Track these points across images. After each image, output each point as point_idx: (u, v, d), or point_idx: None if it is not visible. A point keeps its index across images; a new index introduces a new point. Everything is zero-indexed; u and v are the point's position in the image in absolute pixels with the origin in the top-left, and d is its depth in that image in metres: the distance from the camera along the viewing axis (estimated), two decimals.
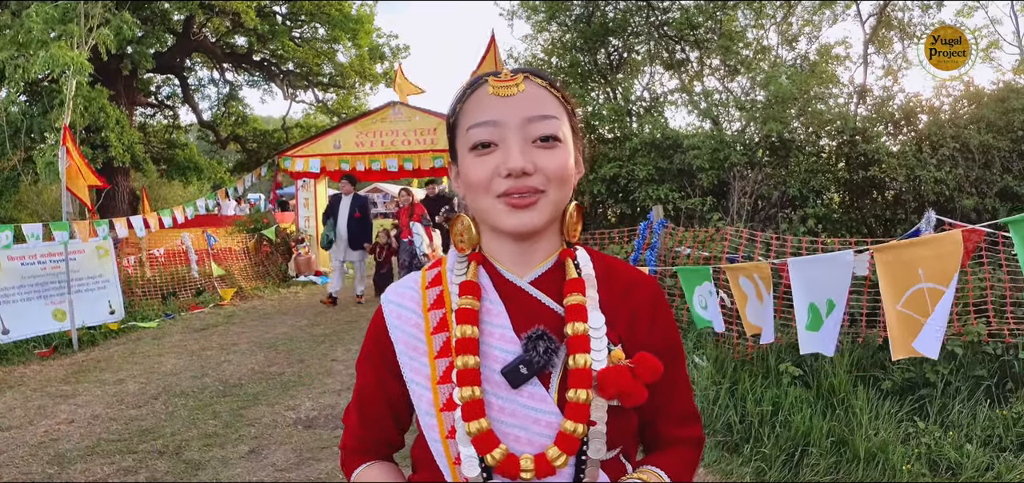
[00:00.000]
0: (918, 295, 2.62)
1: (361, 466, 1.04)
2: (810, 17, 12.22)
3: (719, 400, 3.98)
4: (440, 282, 1.01)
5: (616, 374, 0.88)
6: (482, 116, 0.91)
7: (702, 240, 6.26)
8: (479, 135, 0.91)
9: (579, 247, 1.02)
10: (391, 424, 1.04)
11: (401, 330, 0.99)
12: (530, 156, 0.89)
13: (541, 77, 0.96)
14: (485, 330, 0.94)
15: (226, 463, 3.78)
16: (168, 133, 19.69)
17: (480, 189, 0.92)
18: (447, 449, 0.91)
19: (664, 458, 1.01)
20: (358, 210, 9.27)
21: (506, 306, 0.95)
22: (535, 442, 0.89)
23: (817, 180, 7.81)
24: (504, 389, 0.91)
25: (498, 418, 0.90)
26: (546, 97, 0.94)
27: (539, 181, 0.90)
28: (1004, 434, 3.35)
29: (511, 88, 0.92)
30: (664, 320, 1.01)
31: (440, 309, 0.97)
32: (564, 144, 0.93)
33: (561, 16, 11.91)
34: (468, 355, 0.90)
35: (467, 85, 0.98)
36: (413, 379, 0.96)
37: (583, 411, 0.87)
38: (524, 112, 0.91)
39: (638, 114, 11.15)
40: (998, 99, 7.62)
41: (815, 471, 3.30)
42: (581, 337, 0.90)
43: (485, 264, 0.99)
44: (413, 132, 12.24)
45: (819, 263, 3.18)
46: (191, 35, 16.50)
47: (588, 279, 0.96)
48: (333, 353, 6.35)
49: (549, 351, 0.90)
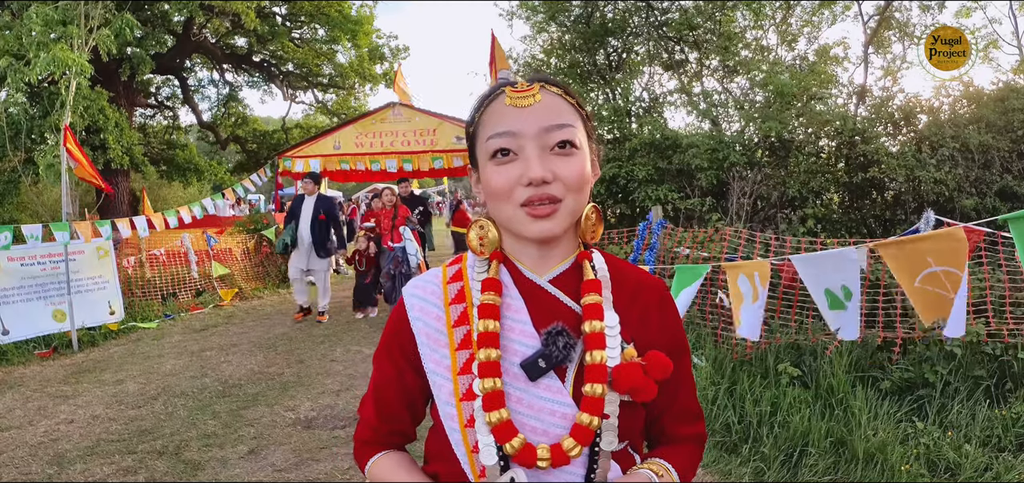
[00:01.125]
0: (933, 277, 2.66)
1: (375, 456, 1.08)
2: (810, 17, 12.23)
3: (718, 400, 3.98)
4: (461, 278, 1.05)
5: (630, 370, 0.93)
6: (501, 126, 0.95)
7: (701, 240, 6.26)
8: (498, 144, 0.95)
9: (595, 250, 1.07)
10: (407, 416, 1.08)
11: (423, 323, 1.03)
12: (548, 164, 0.93)
13: (556, 85, 1.00)
14: (505, 325, 0.98)
15: (225, 463, 3.78)
16: (168, 134, 19.68)
17: (502, 197, 0.96)
18: (466, 437, 0.96)
19: (670, 452, 1.06)
20: (322, 212, 7.97)
21: (526, 303, 1.00)
22: (550, 433, 0.94)
23: (816, 181, 7.81)
24: (522, 381, 0.95)
25: (516, 409, 0.94)
26: (562, 105, 0.98)
27: (557, 189, 0.94)
28: (1003, 434, 3.35)
29: (528, 98, 0.96)
30: (672, 320, 1.06)
31: (461, 303, 1.02)
32: (580, 151, 0.97)
33: (560, 17, 11.92)
34: (490, 348, 0.94)
35: (486, 95, 1.02)
36: (434, 370, 1.01)
37: (598, 404, 0.92)
38: (541, 122, 0.94)
39: (637, 114, 11.16)
40: (997, 99, 7.63)
41: (814, 471, 3.30)
42: (598, 334, 0.94)
43: (506, 263, 1.04)
44: (413, 133, 12.24)
45: (824, 258, 3.19)
46: (191, 36, 16.50)
47: (603, 280, 1.01)
48: (332, 354, 6.35)
49: (568, 346, 0.94)
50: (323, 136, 12.85)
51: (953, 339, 3.84)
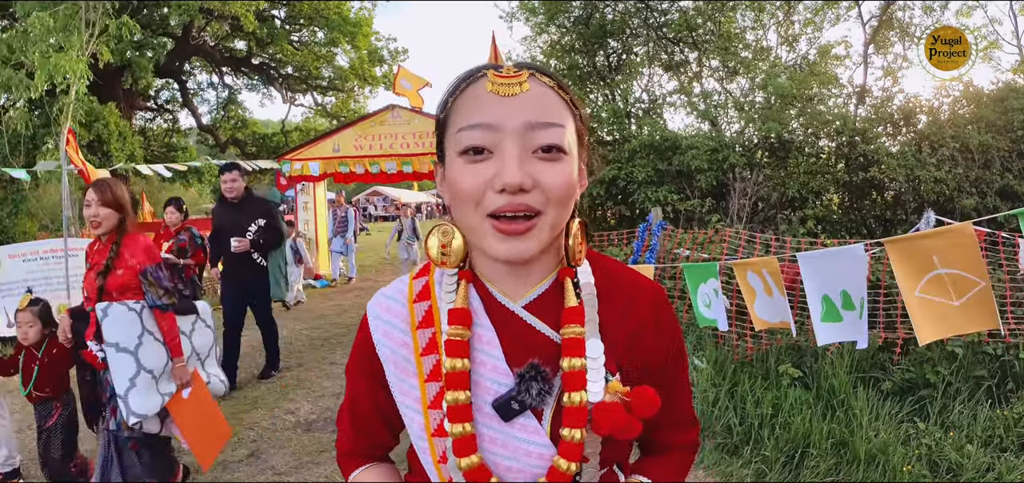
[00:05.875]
0: (937, 280, 2.58)
1: (359, 468, 1.03)
2: (812, 17, 12.24)
3: (719, 402, 3.97)
4: (428, 295, 0.94)
5: (611, 411, 0.84)
6: (477, 117, 0.80)
7: (701, 241, 6.25)
8: (471, 139, 0.80)
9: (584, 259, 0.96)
10: (384, 430, 1.02)
11: (389, 349, 0.93)
12: (529, 168, 0.79)
13: (548, 76, 0.85)
14: (476, 359, 0.88)
15: (225, 466, 3.77)
16: (168, 137, 19.72)
17: (469, 202, 0.81)
18: (440, 473, 0.89)
19: (655, 465, 1.00)
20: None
21: (498, 333, 0.88)
22: (527, 473, 0.86)
23: (816, 181, 7.81)
24: (496, 420, 0.86)
25: (489, 449, 0.86)
26: (552, 99, 0.83)
27: (537, 200, 0.79)
28: (1005, 434, 3.34)
29: (513, 87, 0.80)
30: (668, 326, 0.96)
31: (429, 328, 0.91)
32: (568, 157, 0.82)
33: (560, 18, 11.94)
34: (458, 391, 0.85)
35: (463, 77, 0.86)
36: (403, 401, 0.92)
37: (577, 450, 0.84)
38: (526, 116, 0.79)
39: (637, 116, 11.17)
40: (997, 99, 7.64)
41: (815, 473, 3.29)
42: (577, 373, 0.84)
43: (476, 284, 0.91)
44: (412, 135, 12.25)
45: (830, 256, 3.14)
46: (190, 39, 16.53)
47: (588, 300, 0.90)
48: (332, 356, 6.34)
49: (542, 393, 0.85)
50: (322, 139, 12.84)
51: (954, 340, 3.84)
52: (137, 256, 2.97)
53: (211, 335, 3.43)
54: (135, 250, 2.98)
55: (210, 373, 3.39)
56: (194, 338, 3.29)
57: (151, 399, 2.93)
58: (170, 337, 3.02)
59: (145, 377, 2.91)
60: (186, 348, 3.16)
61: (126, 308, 2.93)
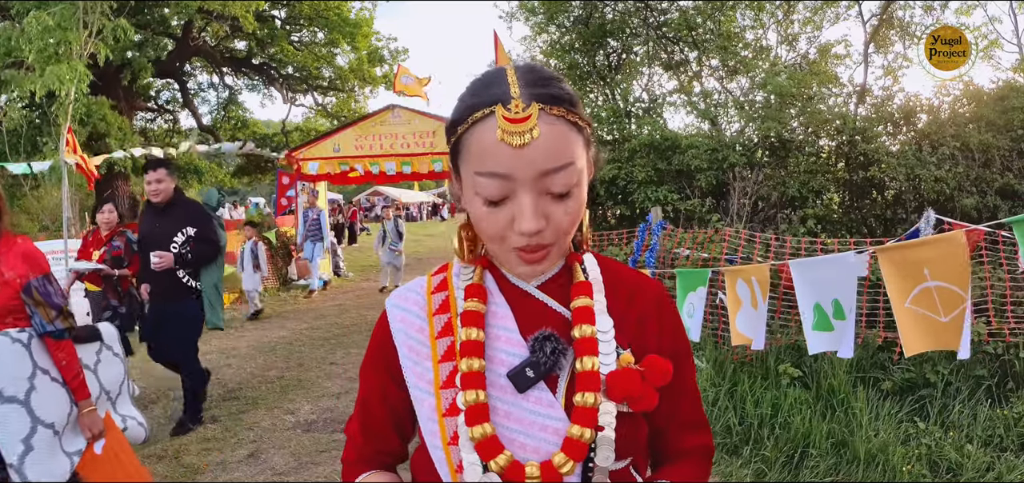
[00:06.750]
0: (926, 293, 2.59)
1: (362, 475, 1.02)
2: (812, 16, 12.23)
3: (718, 402, 3.97)
4: (446, 287, 0.99)
5: (625, 377, 0.86)
6: (490, 164, 0.82)
7: (701, 241, 6.25)
8: (489, 192, 0.83)
9: (587, 252, 1.00)
10: (393, 435, 1.01)
11: (404, 334, 0.96)
12: (544, 209, 0.84)
13: (557, 104, 0.83)
14: (491, 333, 0.92)
15: (225, 467, 3.77)
16: (168, 137, 19.70)
17: (492, 240, 0.88)
18: (449, 456, 0.88)
19: (673, 472, 0.99)
20: None
21: (512, 309, 0.93)
22: (541, 449, 0.86)
23: (816, 180, 7.81)
24: (510, 393, 0.88)
25: (503, 424, 0.87)
26: (562, 135, 0.82)
27: (549, 236, 0.85)
28: (1005, 434, 3.34)
29: (524, 135, 0.80)
30: (671, 324, 0.98)
31: (445, 313, 0.95)
32: (579, 187, 0.86)
33: (559, 18, 11.94)
34: (473, 358, 0.88)
35: (473, 107, 0.85)
36: (416, 384, 0.93)
37: (591, 416, 0.85)
38: (539, 166, 0.81)
39: (637, 115, 11.16)
40: (998, 98, 7.64)
41: (815, 473, 3.29)
42: (589, 339, 0.88)
43: (491, 269, 0.97)
44: (412, 135, 12.25)
45: (822, 264, 3.15)
46: (190, 40, 16.53)
47: (595, 283, 0.94)
48: (332, 357, 6.34)
49: (556, 352, 0.88)
50: (323, 139, 12.85)
51: None
52: (14, 266, 2.17)
53: (122, 367, 2.72)
54: (10, 258, 2.17)
55: (124, 415, 2.69)
56: (100, 372, 2.58)
57: (56, 464, 2.20)
58: (71, 374, 2.27)
59: (44, 434, 2.17)
60: (93, 387, 2.44)
61: (8, 339, 2.16)
